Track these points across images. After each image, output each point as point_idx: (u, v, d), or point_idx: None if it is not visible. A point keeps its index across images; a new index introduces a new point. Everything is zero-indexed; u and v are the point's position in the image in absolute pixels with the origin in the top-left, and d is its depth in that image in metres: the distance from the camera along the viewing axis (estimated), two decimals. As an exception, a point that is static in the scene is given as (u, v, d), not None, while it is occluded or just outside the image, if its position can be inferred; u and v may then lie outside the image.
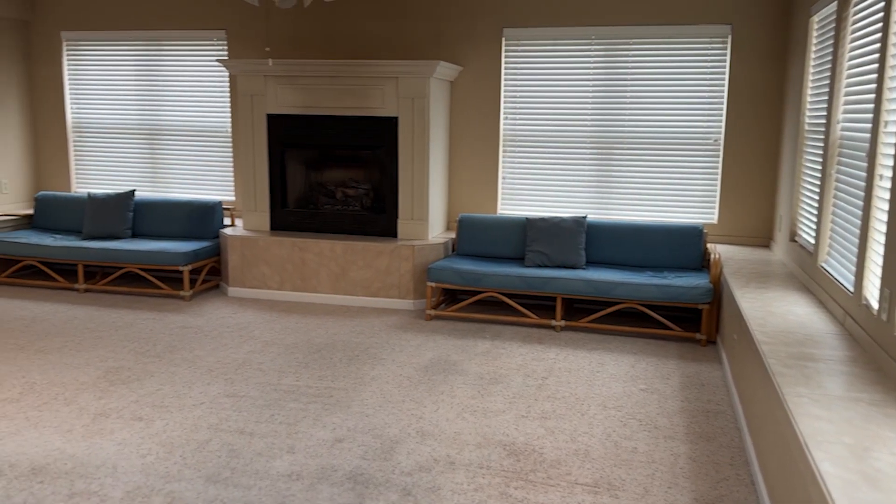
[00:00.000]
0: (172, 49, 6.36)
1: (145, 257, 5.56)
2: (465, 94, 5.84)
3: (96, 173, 6.72)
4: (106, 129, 6.62)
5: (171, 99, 6.44)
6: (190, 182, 6.53)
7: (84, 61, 6.57)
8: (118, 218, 5.94)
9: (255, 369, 4.13)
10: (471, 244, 5.56)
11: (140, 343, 4.54)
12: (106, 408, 3.54)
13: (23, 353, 4.31)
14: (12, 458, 3.00)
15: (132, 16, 6.34)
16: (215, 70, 6.29)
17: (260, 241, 5.64)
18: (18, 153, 6.62)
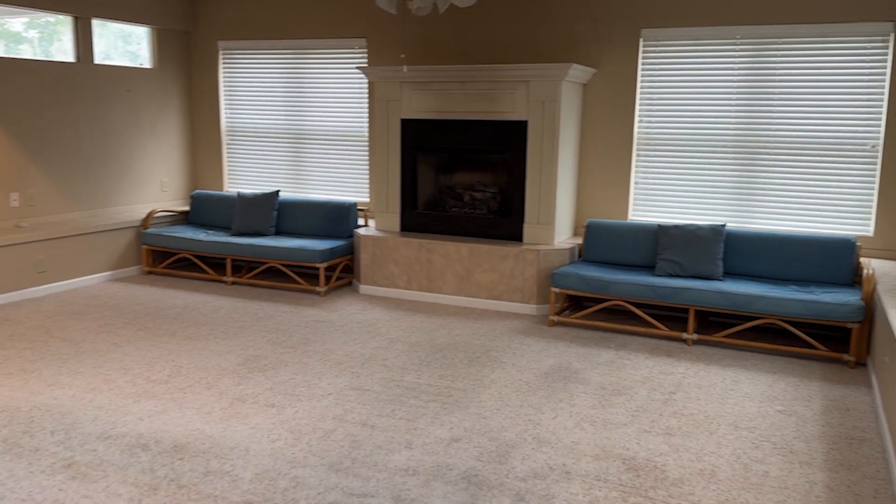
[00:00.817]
0: (317, 57, 6.70)
1: (286, 254, 5.88)
2: (598, 96, 5.72)
3: (246, 174, 7.21)
4: (255, 132, 7.09)
5: (314, 105, 6.78)
6: (329, 183, 6.85)
7: (237, 69, 7.06)
8: (264, 216, 6.33)
9: (380, 365, 4.26)
10: (598, 250, 5.44)
11: (277, 334, 4.81)
12: (243, 393, 3.79)
13: (173, 338, 4.69)
14: (158, 435, 3.28)
15: (281, 26, 6.74)
16: (356, 77, 6.56)
17: (390, 242, 5.82)
18: (178, 155, 7.22)
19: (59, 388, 3.80)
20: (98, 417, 3.44)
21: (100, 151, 6.43)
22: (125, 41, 6.89)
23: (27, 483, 2.83)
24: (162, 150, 7.03)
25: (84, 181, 6.33)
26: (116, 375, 4.00)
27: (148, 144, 6.87)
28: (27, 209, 5.90)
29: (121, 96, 6.56)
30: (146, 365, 4.18)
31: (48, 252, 5.69)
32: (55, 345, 4.49)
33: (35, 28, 6.45)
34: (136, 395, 3.72)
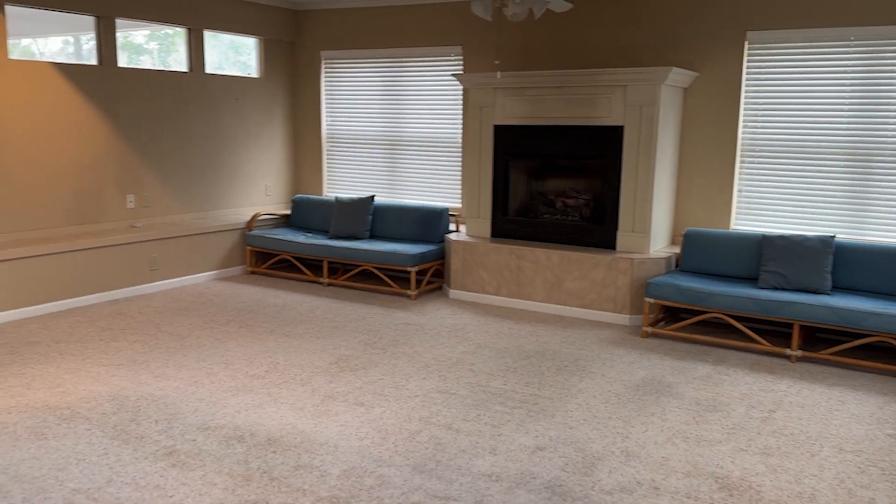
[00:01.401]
0: (414, 65, 6.82)
1: (379, 257, 6.01)
2: (699, 101, 5.53)
3: (344, 179, 7.42)
4: (353, 139, 7.29)
5: (410, 112, 6.90)
6: (422, 189, 6.95)
7: (337, 77, 7.29)
8: (359, 220, 6.49)
9: (467, 370, 4.27)
10: (696, 260, 5.25)
11: (369, 335, 4.92)
12: (334, 391, 3.89)
13: (272, 336, 4.88)
14: (253, 428, 3.42)
15: (380, 35, 6.91)
16: (450, 84, 6.63)
17: (480, 247, 5.83)
18: (281, 161, 7.52)
19: (165, 379, 4.03)
20: (199, 409, 3.62)
21: (209, 157, 6.79)
22: (236, 52, 7.25)
23: (132, 468, 3.01)
24: (266, 156, 7.34)
25: (194, 185, 6.69)
26: (218, 369, 4.20)
27: (254, 150, 7.20)
28: (142, 210, 6.30)
29: (230, 104, 6.90)
30: (245, 360, 4.37)
31: (160, 251, 6.05)
32: (163, 339, 4.77)
33: (155, 40, 6.89)
34: (234, 389, 3.89)
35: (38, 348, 4.51)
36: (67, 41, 8.02)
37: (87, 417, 3.49)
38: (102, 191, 5.96)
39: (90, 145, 5.83)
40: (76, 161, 5.75)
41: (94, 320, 5.15)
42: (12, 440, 3.23)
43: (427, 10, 6.63)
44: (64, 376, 4.03)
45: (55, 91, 5.55)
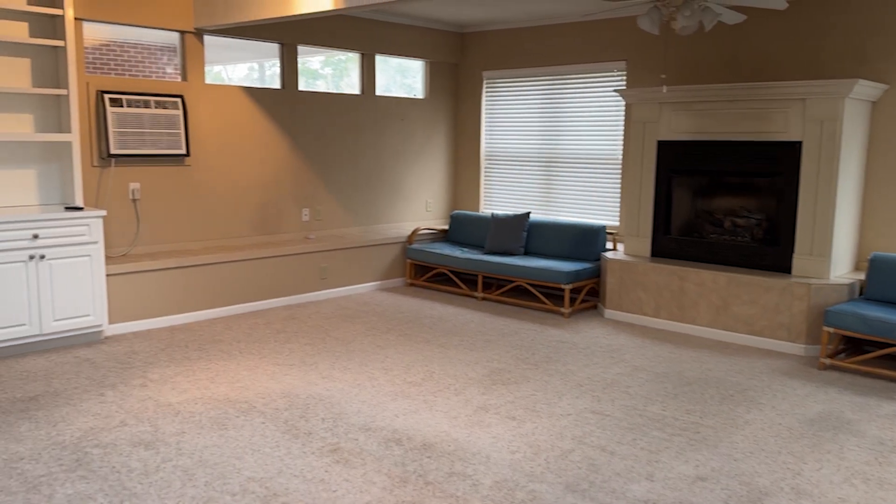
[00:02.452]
0: (575, 82, 6.80)
1: (533, 273, 6.02)
2: (890, 115, 5.06)
3: (500, 196, 7.52)
4: (511, 157, 7.38)
5: (568, 129, 6.88)
6: (579, 206, 6.89)
7: (497, 96, 7.42)
8: (514, 236, 6.54)
9: (622, 391, 4.16)
10: (884, 288, 4.77)
11: (521, 350, 4.93)
12: (486, 403, 3.94)
13: (428, 346, 5.03)
14: (410, 432, 3.54)
15: (541, 53, 6.96)
16: (612, 100, 6.54)
17: (639, 267, 5.67)
18: (442, 178, 7.76)
19: (331, 380, 4.28)
20: (361, 410, 3.81)
21: (376, 174, 7.15)
22: (402, 74, 7.60)
23: (300, 461, 3.22)
24: (428, 174, 7.62)
25: (361, 200, 7.08)
26: (378, 374, 4.40)
27: (416, 168, 7.49)
28: (315, 223, 6.75)
29: (396, 124, 7.24)
30: (404, 367, 4.54)
31: (330, 261, 6.45)
32: (330, 343, 5.07)
33: (329, 65, 7.40)
34: (393, 394, 4.06)
35: (222, 346, 4.96)
36: (252, 67, 8.83)
37: (262, 412, 3.78)
38: (282, 205, 6.46)
39: (272, 163, 6.35)
40: (260, 177, 6.28)
41: (270, 323, 5.57)
42: (198, 428, 3.57)
43: (590, 27, 6.59)
44: (243, 373, 4.40)
45: (244, 113, 6.11)
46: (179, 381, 4.22)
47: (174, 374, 4.36)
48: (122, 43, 9.30)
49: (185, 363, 4.56)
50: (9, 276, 4.48)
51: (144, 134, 5.43)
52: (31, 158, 4.93)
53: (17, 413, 3.71)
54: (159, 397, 3.96)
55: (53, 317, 4.69)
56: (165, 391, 4.06)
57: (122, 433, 3.48)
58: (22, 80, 4.85)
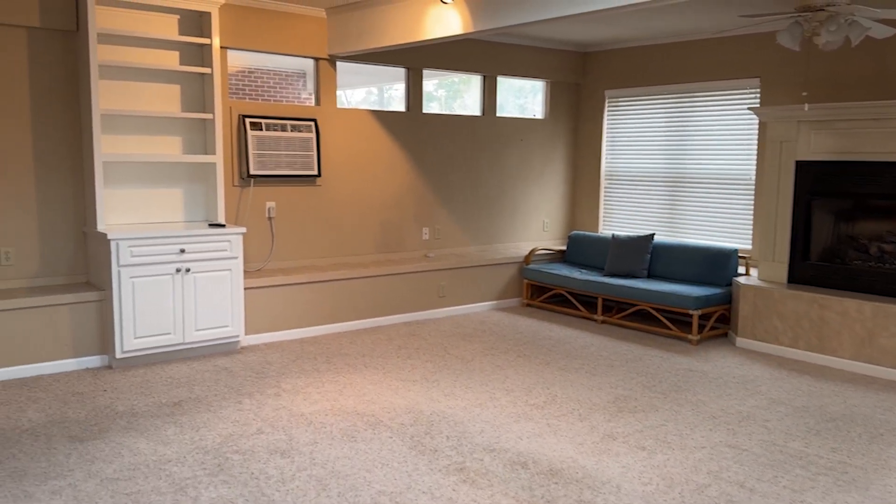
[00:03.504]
0: (703, 100, 6.59)
1: (658, 297, 5.83)
2: None
3: (621, 216, 7.36)
4: (633, 176, 7.21)
5: (696, 148, 6.66)
6: (706, 228, 6.63)
7: (620, 116, 7.29)
8: (637, 258, 6.38)
9: (760, 426, 3.94)
10: None
11: (646, 377, 4.78)
12: (613, 431, 3.84)
13: (548, 368, 4.97)
14: (535, 456, 3.50)
15: (667, 72, 6.79)
16: (744, 118, 6.27)
17: (775, 293, 5.37)
18: (559, 198, 7.70)
19: (453, 398, 4.31)
20: (484, 430, 3.81)
21: (494, 194, 7.19)
22: (516, 95, 7.63)
23: (427, 478, 3.25)
24: (545, 194, 7.58)
25: (479, 219, 7.13)
26: (499, 395, 4.39)
27: (534, 188, 7.47)
28: (434, 242, 6.85)
29: (516, 145, 7.26)
30: (525, 389, 4.50)
31: (448, 280, 6.52)
32: (450, 360, 5.11)
33: (443, 87, 7.54)
34: (516, 416, 4.03)
35: (348, 360, 5.11)
36: (370, 91, 9.13)
37: (389, 426, 3.85)
38: (403, 224, 6.62)
39: (396, 183, 6.52)
40: (384, 197, 6.46)
41: (391, 339, 5.69)
42: (329, 439, 3.68)
43: (721, 43, 6.37)
44: (368, 386, 4.51)
45: (371, 135, 6.31)
46: (310, 392, 4.38)
47: (305, 384, 4.53)
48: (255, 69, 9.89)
49: (314, 374, 4.73)
50: (159, 288, 4.82)
51: (280, 156, 5.73)
52: (178, 178, 5.31)
53: (163, 417, 3.96)
54: (292, 407, 4.13)
55: (195, 326, 5.00)
56: (298, 401, 4.22)
57: (259, 440, 3.65)
58: (172, 105, 5.24)
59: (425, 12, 5.01)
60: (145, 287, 4.76)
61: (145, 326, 4.79)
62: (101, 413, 3.99)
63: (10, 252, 4.79)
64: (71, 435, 3.68)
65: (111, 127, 5.00)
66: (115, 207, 5.05)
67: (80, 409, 4.05)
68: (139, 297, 4.74)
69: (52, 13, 4.74)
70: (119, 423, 3.84)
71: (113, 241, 4.63)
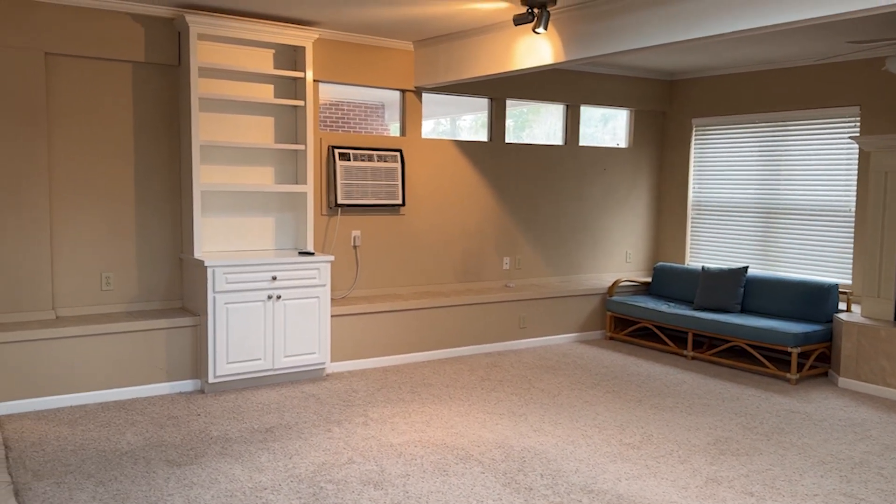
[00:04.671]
0: (798, 128, 6.35)
1: (753, 333, 5.58)
2: None
3: (709, 248, 7.13)
4: (722, 206, 6.99)
5: (790, 178, 6.41)
6: (802, 261, 6.34)
7: (708, 144, 7.10)
8: (729, 292, 6.14)
9: (875, 473, 3.68)
10: None
11: (746, 418, 4.55)
12: (717, 474, 3.65)
13: (640, 406, 4.80)
14: (637, 499, 3.35)
15: (758, 100, 6.58)
16: (842, 147, 6.01)
17: (881, 332, 5.06)
18: (643, 227, 7.52)
19: (543, 434, 4.19)
20: (579, 469, 3.68)
21: (576, 223, 7.08)
22: (597, 124, 7.54)
23: (525, 516, 3.15)
24: (629, 224, 7.42)
25: (560, 249, 7.02)
26: (592, 432, 4.25)
27: (617, 218, 7.33)
28: (515, 272, 6.78)
29: (597, 174, 7.15)
30: (618, 427, 4.35)
31: (529, 311, 6.42)
32: (536, 394, 5.00)
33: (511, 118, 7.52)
34: (611, 455, 3.88)
35: (433, 390, 5.06)
36: (438, 122, 9.19)
37: (480, 461, 3.77)
38: (484, 253, 6.58)
39: (477, 212, 6.50)
40: (465, 226, 6.44)
41: (473, 370, 5.62)
42: (421, 472, 3.62)
43: (816, 71, 6.14)
44: (455, 419, 4.45)
45: (454, 165, 6.32)
46: (398, 422, 4.34)
47: (392, 414, 4.50)
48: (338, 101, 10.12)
49: (400, 404, 4.70)
50: (251, 314, 4.90)
51: (367, 185, 5.79)
52: (270, 207, 5.42)
53: (256, 443, 3.99)
54: (381, 437, 4.09)
55: (284, 353, 5.05)
56: (386, 431, 4.19)
57: (351, 470, 3.62)
58: (266, 136, 5.38)
59: (515, 42, 5.00)
60: (238, 313, 4.85)
61: (237, 352, 4.87)
62: (196, 437, 4.05)
63: (110, 277, 4.97)
64: (168, 459, 3.74)
65: (208, 157, 5.16)
66: (209, 235, 5.19)
67: (175, 433, 4.13)
68: (232, 323, 4.83)
69: (157, 49, 4.95)
70: (214, 449, 3.89)
71: (209, 268, 4.74)
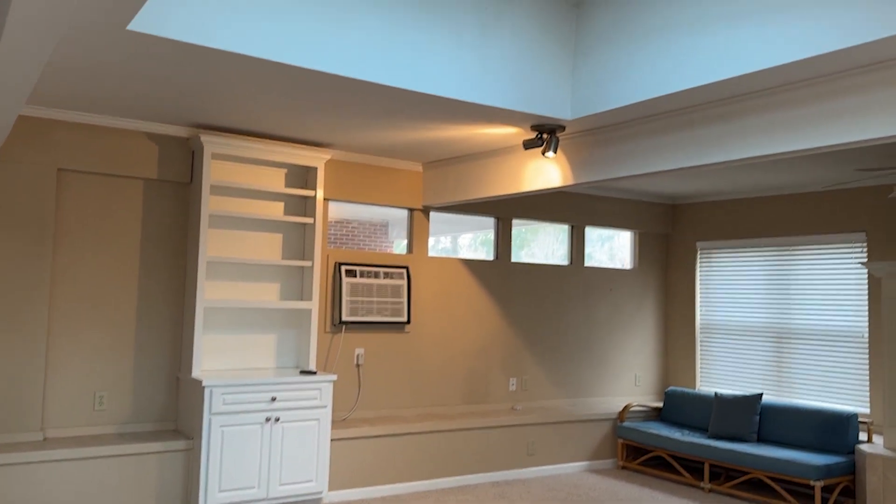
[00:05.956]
0: (804, 253, 6.35)
1: (774, 465, 5.32)
2: None
3: (720, 372, 6.95)
4: (732, 330, 6.88)
5: (800, 302, 6.34)
6: (817, 388, 6.16)
7: (714, 267, 7.09)
8: (745, 420, 5.91)
9: None
10: None
11: (773, 560, 4.24)
12: None
13: (660, 543, 4.48)
14: None
15: (764, 224, 6.63)
16: (851, 272, 5.98)
17: (910, 466, 4.82)
18: (651, 351, 7.37)
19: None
20: None
21: (582, 345, 6.94)
22: (600, 244, 7.56)
23: None
24: (636, 346, 7.28)
25: (568, 370, 6.84)
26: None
27: (624, 340, 7.20)
28: (521, 393, 6.57)
29: (604, 295, 7.09)
30: (637, 570, 4.03)
31: (537, 436, 6.16)
32: (547, 530, 4.68)
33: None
34: None
35: (437, 524, 4.74)
36: (437, 240, 9.24)
37: None
38: (489, 373, 6.39)
39: (482, 332, 6.37)
40: (471, 346, 6.30)
41: (481, 501, 5.31)
42: None
43: (822, 197, 6.22)
44: (462, 558, 4.13)
45: (460, 283, 6.27)
46: (400, 563, 4.03)
47: (394, 553, 4.18)
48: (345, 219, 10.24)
49: (402, 541, 4.38)
50: (248, 438, 4.67)
51: (373, 302, 5.70)
52: (273, 324, 5.30)
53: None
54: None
55: (280, 480, 4.78)
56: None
57: None
58: (274, 252, 5.34)
59: (524, 165, 5.07)
60: (234, 437, 4.62)
61: (230, 479, 4.60)
62: (183, 576, 3.73)
63: (103, 396, 4.78)
64: None
65: (213, 273, 5.10)
66: (208, 352, 5.04)
67: (160, 570, 3.81)
68: (227, 448, 4.59)
69: (170, 166, 5.00)
70: (201, 590, 3.57)
71: (207, 388, 4.56)
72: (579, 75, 4.20)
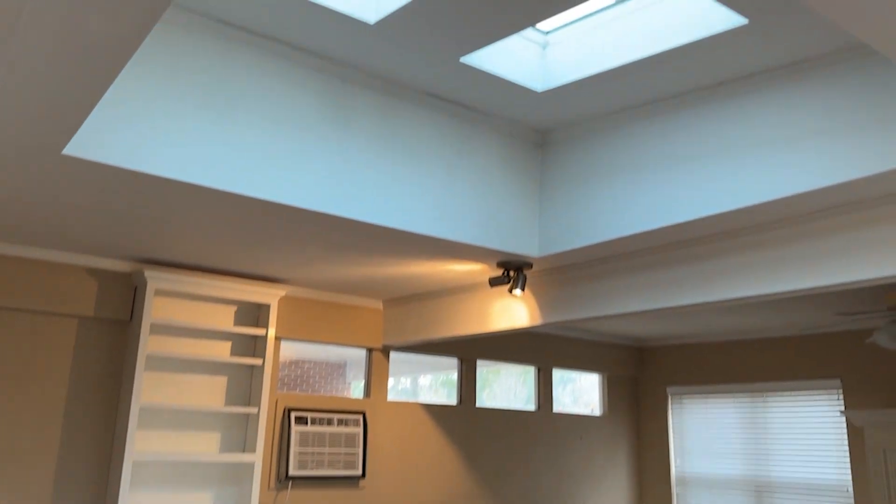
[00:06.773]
0: (779, 401, 6.11)
1: None
2: None
3: (699, 529, 6.46)
4: (710, 482, 6.46)
5: (779, 452, 6.02)
6: (806, 548, 5.71)
7: (686, 414, 6.77)
8: (730, 585, 5.39)
9: None
10: None
11: None
12: None
13: None
14: None
15: (736, 369, 6.42)
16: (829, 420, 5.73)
17: None
18: (626, 502, 6.86)
19: None
20: None
21: (554, 494, 6.42)
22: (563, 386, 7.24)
23: None
24: (610, 498, 6.77)
25: (538, 529, 6.27)
26: None
27: (598, 491, 6.70)
28: (487, 556, 5.94)
29: (573, 442, 6.67)
30: None
31: None
32: None
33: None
34: None
35: None
36: (398, 381, 8.82)
37: None
38: (452, 533, 5.80)
39: (446, 482, 5.84)
40: (432, 499, 5.74)
41: None
42: None
43: (795, 342, 6.08)
44: None
45: (420, 430, 5.81)
46: None
47: None
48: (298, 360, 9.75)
49: None
50: None
51: (324, 454, 5.19)
52: (210, 480, 4.74)
53: None
54: None
55: None
56: None
57: None
58: (216, 398, 4.88)
59: (490, 304, 4.83)
60: None
61: None
62: None
63: (5, 567, 4.09)
64: None
65: (146, 422, 4.59)
66: (134, 514, 4.43)
67: None
68: None
69: (109, 303, 4.61)
70: None
71: (126, 559, 3.94)
72: (546, 213, 4.06)
